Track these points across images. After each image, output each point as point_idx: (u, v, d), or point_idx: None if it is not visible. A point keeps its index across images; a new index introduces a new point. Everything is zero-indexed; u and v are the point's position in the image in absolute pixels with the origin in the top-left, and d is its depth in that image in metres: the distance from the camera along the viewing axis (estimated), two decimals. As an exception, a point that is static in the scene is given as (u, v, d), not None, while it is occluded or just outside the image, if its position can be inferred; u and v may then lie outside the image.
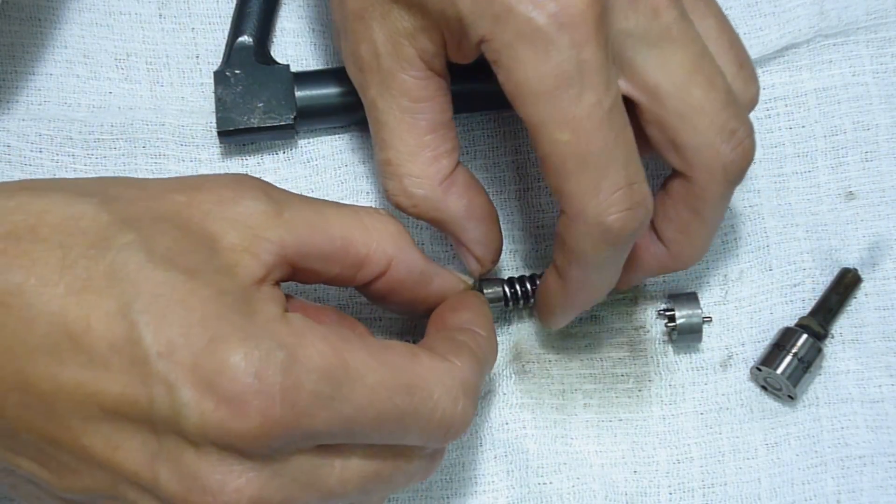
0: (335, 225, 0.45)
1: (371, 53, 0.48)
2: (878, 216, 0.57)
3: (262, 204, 0.43)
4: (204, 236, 0.41)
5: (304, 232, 0.44)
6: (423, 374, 0.43)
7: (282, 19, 0.59)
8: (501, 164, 0.57)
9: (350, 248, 0.45)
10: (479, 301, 0.50)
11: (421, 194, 0.49)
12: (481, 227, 0.51)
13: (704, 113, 0.46)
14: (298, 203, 0.45)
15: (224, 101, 0.55)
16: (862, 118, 0.58)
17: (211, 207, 0.42)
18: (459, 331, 0.47)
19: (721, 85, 0.46)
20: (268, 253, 0.42)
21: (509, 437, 0.53)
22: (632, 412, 0.54)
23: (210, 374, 0.38)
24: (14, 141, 0.56)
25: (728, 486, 0.53)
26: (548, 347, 0.55)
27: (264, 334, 0.40)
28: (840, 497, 0.53)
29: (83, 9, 0.58)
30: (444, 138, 0.49)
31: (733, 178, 0.48)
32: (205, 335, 0.39)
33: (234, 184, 0.44)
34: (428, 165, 0.49)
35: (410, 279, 0.48)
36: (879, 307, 0.56)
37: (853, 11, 0.60)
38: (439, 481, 0.53)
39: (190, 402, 0.38)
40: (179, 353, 0.38)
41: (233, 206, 0.43)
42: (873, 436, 0.54)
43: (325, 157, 0.57)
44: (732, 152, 0.47)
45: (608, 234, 0.45)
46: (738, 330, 0.55)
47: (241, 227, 0.42)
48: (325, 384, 0.40)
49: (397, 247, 0.47)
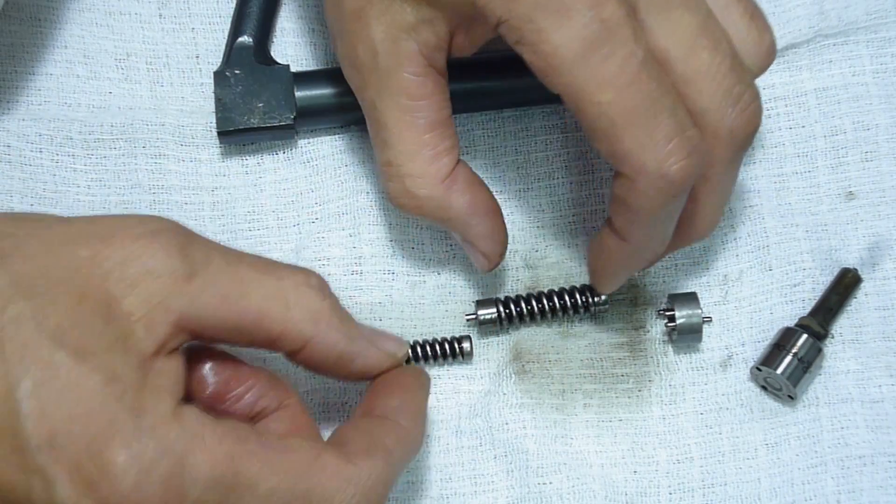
0: (252, 298, 0.42)
1: (369, 52, 0.48)
2: (878, 216, 0.57)
3: (171, 266, 0.40)
4: (102, 301, 0.39)
5: (212, 303, 0.41)
6: (324, 482, 0.41)
7: (282, 19, 0.59)
8: (501, 164, 0.57)
9: (262, 324, 0.42)
10: (415, 384, 0.48)
11: (424, 194, 0.49)
12: (486, 222, 0.51)
13: (710, 76, 0.45)
14: (216, 266, 0.41)
15: (224, 101, 0.55)
16: (862, 118, 0.58)
17: (114, 267, 0.39)
18: (381, 422, 0.45)
19: (727, 49, 0.46)
20: (164, 324, 0.40)
21: (509, 437, 0.53)
22: (632, 412, 0.54)
23: (90, 475, 0.37)
24: (14, 141, 0.56)
25: (728, 486, 0.53)
26: (548, 347, 0.55)
27: (151, 438, 0.38)
28: (840, 497, 0.53)
29: (83, 9, 0.58)
30: (444, 136, 0.49)
31: (740, 143, 0.47)
32: (88, 431, 0.37)
33: (149, 237, 0.40)
34: (429, 164, 0.49)
35: (328, 360, 0.45)
36: (879, 307, 0.56)
37: (853, 11, 0.60)
38: (438, 480, 0.53)
39: (67, 500, 0.37)
40: (60, 448, 0.37)
41: (140, 263, 0.40)
42: (873, 436, 0.53)
43: (325, 157, 0.57)
44: (738, 116, 0.46)
45: (672, 185, 0.44)
46: (738, 330, 0.55)
47: (142, 291, 0.39)
48: (211, 494, 0.39)
49: (316, 328, 0.43)
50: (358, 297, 0.55)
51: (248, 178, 0.57)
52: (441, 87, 0.49)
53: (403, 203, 0.50)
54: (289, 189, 0.57)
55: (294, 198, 0.57)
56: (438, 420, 0.54)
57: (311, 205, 0.56)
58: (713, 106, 0.46)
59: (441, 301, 0.56)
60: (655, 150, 0.44)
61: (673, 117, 0.44)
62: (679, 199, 0.46)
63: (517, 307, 0.54)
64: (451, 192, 0.49)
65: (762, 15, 0.49)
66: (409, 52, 0.47)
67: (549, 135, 0.58)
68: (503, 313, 0.54)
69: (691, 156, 0.44)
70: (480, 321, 0.54)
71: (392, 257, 0.56)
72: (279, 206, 0.56)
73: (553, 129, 0.58)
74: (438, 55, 0.48)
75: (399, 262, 0.56)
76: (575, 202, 0.57)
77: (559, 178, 0.57)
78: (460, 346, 0.54)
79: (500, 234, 0.52)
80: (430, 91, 0.48)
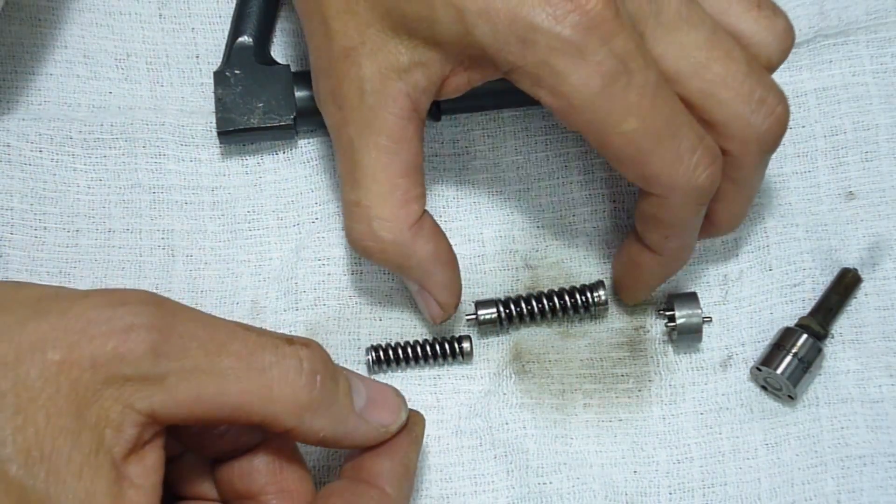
0: (231, 392, 0.40)
1: (355, 90, 0.47)
2: (878, 216, 0.57)
3: (142, 369, 0.38)
4: (71, 413, 0.38)
5: (185, 402, 0.39)
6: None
7: (282, 19, 0.59)
8: (501, 164, 0.57)
9: (240, 416, 0.41)
10: (406, 441, 0.47)
11: (389, 238, 0.49)
12: (446, 272, 0.51)
13: (727, 86, 0.46)
14: (192, 363, 0.39)
15: (224, 102, 0.55)
16: (862, 118, 0.58)
17: (83, 373, 0.38)
18: (367, 487, 0.45)
19: (739, 56, 0.46)
20: (134, 426, 0.39)
21: (509, 437, 0.53)
22: (632, 412, 0.54)
23: None
24: (14, 141, 0.56)
25: (728, 486, 0.53)
26: (548, 347, 0.55)
27: None
28: (840, 497, 0.53)
29: (83, 9, 0.58)
30: (415, 183, 0.49)
31: (768, 148, 0.48)
32: None
33: (120, 336, 0.38)
34: (399, 208, 0.48)
35: (311, 441, 0.43)
36: (879, 307, 0.56)
37: (853, 11, 0.60)
38: (438, 480, 0.53)
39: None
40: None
41: (110, 366, 0.38)
42: (873, 436, 0.53)
43: (325, 157, 0.57)
44: (765, 121, 0.47)
45: (702, 194, 0.46)
46: (738, 330, 0.55)
47: (112, 395, 0.38)
48: None
49: (300, 420, 0.41)
50: (358, 297, 0.55)
51: (248, 178, 0.57)
52: (419, 134, 0.49)
53: (367, 246, 0.49)
54: (289, 189, 0.57)
55: (294, 198, 0.57)
56: (438, 420, 0.54)
57: (311, 205, 0.56)
58: (736, 113, 0.46)
59: (441, 301, 0.56)
60: (683, 164, 0.45)
61: (691, 130, 0.45)
62: (707, 204, 0.48)
63: (517, 307, 0.54)
64: (417, 239, 0.49)
65: (768, 2, 0.49)
66: (396, 94, 0.47)
67: (549, 135, 0.58)
68: (503, 313, 0.54)
69: (715, 161, 0.46)
70: (480, 321, 0.54)
71: (392, 257, 0.56)
72: (279, 206, 0.56)
73: (553, 129, 0.58)
74: (424, 99, 0.48)
75: (399, 262, 0.56)
76: (575, 202, 0.57)
77: (559, 178, 0.57)
78: (460, 346, 0.54)
79: (457, 286, 0.52)
80: (410, 135, 0.48)
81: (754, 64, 0.47)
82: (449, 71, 0.47)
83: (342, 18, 0.47)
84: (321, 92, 0.50)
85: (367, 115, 0.48)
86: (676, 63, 0.46)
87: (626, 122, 0.44)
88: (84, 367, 0.38)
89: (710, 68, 0.46)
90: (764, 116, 0.47)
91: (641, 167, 0.45)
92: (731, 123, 0.47)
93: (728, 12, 0.48)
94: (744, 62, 0.46)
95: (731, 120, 0.47)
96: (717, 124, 0.47)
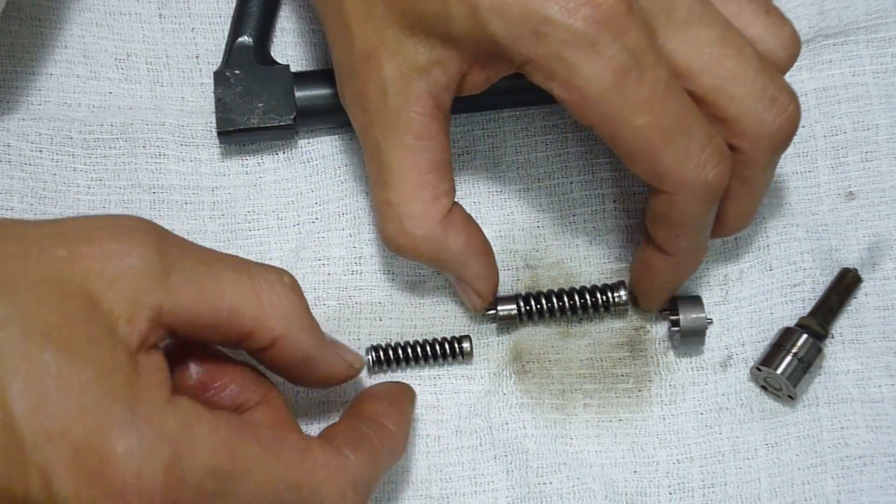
0: (226, 293, 0.42)
1: (378, 92, 0.48)
2: (878, 216, 0.57)
3: (148, 263, 0.40)
4: (83, 299, 0.39)
5: (187, 299, 0.41)
6: (314, 470, 0.42)
7: (282, 19, 0.59)
8: (501, 164, 0.57)
9: (235, 321, 0.43)
10: (402, 395, 0.50)
11: (422, 234, 0.50)
12: (481, 262, 0.52)
13: (739, 82, 0.46)
14: (192, 263, 0.42)
15: (224, 102, 0.55)
16: (862, 118, 0.58)
17: (92, 265, 0.40)
18: (368, 421, 0.47)
19: (751, 53, 0.47)
20: (144, 319, 0.40)
21: (509, 437, 0.53)
22: (632, 412, 0.54)
23: (90, 466, 0.37)
24: (14, 141, 0.56)
25: (728, 486, 0.53)
26: (548, 347, 0.55)
27: (148, 426, 0.38)
28: (840, 497, 0.53)
29: (83, 9, 0.58)
30: (444, 178, 0.50)
31: (779, 145, 0.48)
32: (84, 425, 0.37)
33: (125, 235, 0.41)
34: (428, 205, 0.49)
35: (293, 361, 0.45)
36: (879, 307, 0.56)
37: (853, 11, 0.60)
38: (438, 480, 0.53)
39: (68, 495, 0.37)
40: (58, 442, 0.37)
41: (117, 262, 0.40)
42: (873, 436, 0.53)
43: (325, 157, 0.57)
44: (777, 119, 0.47)
45: (712, 191, 0.46)
46: (738, 330, 0.55)
47: (121, 288, 0.40)
48: (210, 481, 0.39)
49: (287, 328, 0.44)
50: (358, 297, 0.55)
51: (248, 178, 0.57)
52: (445, 129, 0.49)
53: (401, 243, 0.50)
54: (289, 189, 0.57)
55: (294, 198, 0.57)
56: (438, 420, 0.54)
57: (311, 205, 0.56)
58: (748, 109, 0.47)
59: (441, 301, 0.56)
60: (693, 161, 0.45)
61: (702, 128, 0.46)
62: (717, 202, 0.48)
63: (538, 304, 0.54)
64: (449, 233, 0.50)
65: (777, 9, 0.50)
66: (419, 93, 0.48)
67: (549, 135, 0.58)
68: (523, 309, 0.54)
69: (724, 160, 0.46)
70: (500, 317, 0.54)
71: (392, 257, 0.56)
72: (279, 206, 0.56)
73: (553, 129, 0.58)
74: (446, 96, 0.48)
75: (399, 262, 0.56)
76: (575, 202, 0.57)
77: (559, 178, 0.57)
78: (460, 346, 0.54)
79: (493, 274, 0.53)
80: (435, 132, 0.49)
81: (766, 62, 0.47)
82: (467, 68, 0.48)
83: (361, 21, 0.48)
84: (346, 95, 0.51)
85: (392, 116, 0.48)
86: (688, 59, 0.46)
87: (638, 117, 0.44)
88: (92, 260, 0.39)
89: (723, 64, 0.46)
90: (776, 114, 0.47)
91: (652, 163, 0.46)
92: (743, 119, 0.47)
93: (738, 16, 0.48)
94: (756, 59, 0.47)
95: (742, 116, 0.47)
96: (728, 120, 0.47)
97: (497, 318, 0.54)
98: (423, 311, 0.55)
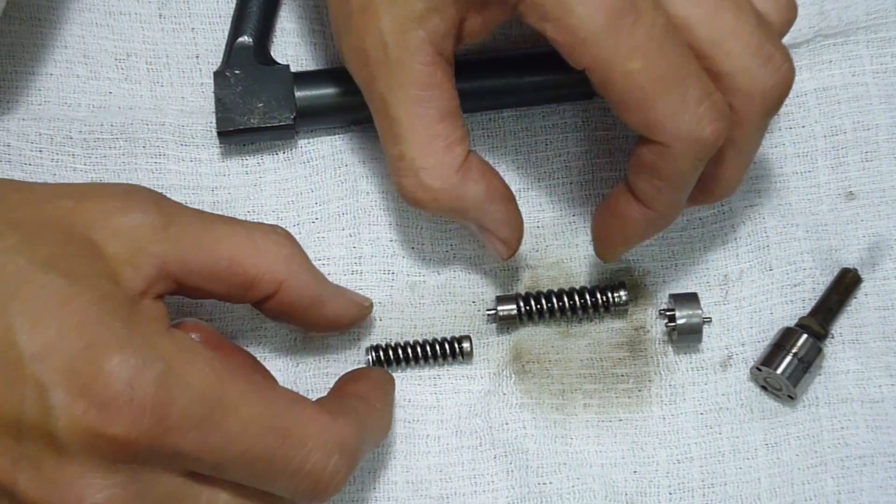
0: (224, 244, 0.45)
1: (377, 45, 0.47)
2: (878, 216, 0.57)
3: (149, 216, 0.43)
4: (87, 244, 0.41)
5: (189, 248, 0.43)
6: (302, 422, 0.42)
7: (282, 19, 0.59)
8: (501, 165, 0.57)
9: (237, 268, 0.45)
10: (382, 378, 0.50)
11: (439, 185, 0.49)
12: (503, 208, 0.51)
13: (736, 36, 0.45)
14: (189, 218, 0.44)
15: (224, 102, 0.55)
16: (862, 118, 0.58)
17: (96, 216, 0.42)
18: (352, 397, 0.47)
19: (749, 8, 0.46)
20: (149, 266, 0.42)
21: (509, 437, 0.53)
22: (632, 412, 0.54)
23: (84, 378, 0.38)
24: (14, 141, 0.56)
25: (728, 486, 0.53)
26: (548, 347, 0.55)
27: (144, 344, 0.39)
28: (840, 497, 0.53)
29: (83, 9, 0.58)
30: (455, 126, 0.49)
31: (772, 105, 0.47)
32: (82, 339, 0.38)
33: (125, 194, 0.43)
34: (443, 155, 0.49)
35: (301, 303, 0.47)
36: (879, 307, 0.56)
37: (853, 11, 0.60)
38: (438, 480, 0.53)
39: (60, 404, 0.38)
40: (54, 356, 0.38)
41: (119, 216, 0.42)
42: (873, 436, 0.53)
43: (325, 157, 0.57)
44: (771, 77, 0.46)
45: (705, 148, 0.45)
46: (738, 330, 0.55)
47: (125, 238, 0.42)
48: (198, 405, 0.40)
49: (289, 270, 0.46)
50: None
51: (248, 178, 0.57)
52: (449, 77, 0.49)
53: (419, 197, 0.49)
54: (289, 189, 0.57)
55: (294, 198, 0.57)
56: (438, 420, 0.54)
57: (311, 205, 0.56)
58: (743, 65, 0.46)
59: (441, 301, 0.56)
60: (689, 113, 0.44)
61: (700, 81, 0.45)
62: (706, 159, 0.46)
63: (538, 304, 0.54)
64: (466, 181, 0.49)
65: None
66: (419, 42, 0.47)
67: (549, 135, 0.58)
68: (523, 309, 0.54)
69: (722, 116, 0.45)
70: (500, 317, 0.54)
71: (392, 257, 0.56)
72: (279, 206, 0.56)
73: (553, 129, 0.58)
74: (447, 43, 0.48)
75: (399, 262, 0.56)
76: (575, 202, 0.57)
77: (559, 178, 0.57)
78: (460, 346, 0.54)
79: (517, 220, 0.52)
80: (440, 80, 0.48)
81: (763, 20, 0.46)
82: (465, 12, 0.47)
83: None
84: (345, 51, 0.50)
85: (394, 69, 0.48)
86: (686, 9, 0.45)
87: (632, 61, 0.43)
88: (96, 212, 0.42)
89: (721, 17, 0.45)
90: (771, 72, 0.46)
91: (645, 112, 0.44)
92: (738, 75, 0.46)
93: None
94: (753, 16, 0.46)
95: (737, 72, 0.46)
96: (722, 75, 0.46)
97: (497, 318, 0.54)
98: (423, 311, 0.55)
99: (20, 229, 0.40)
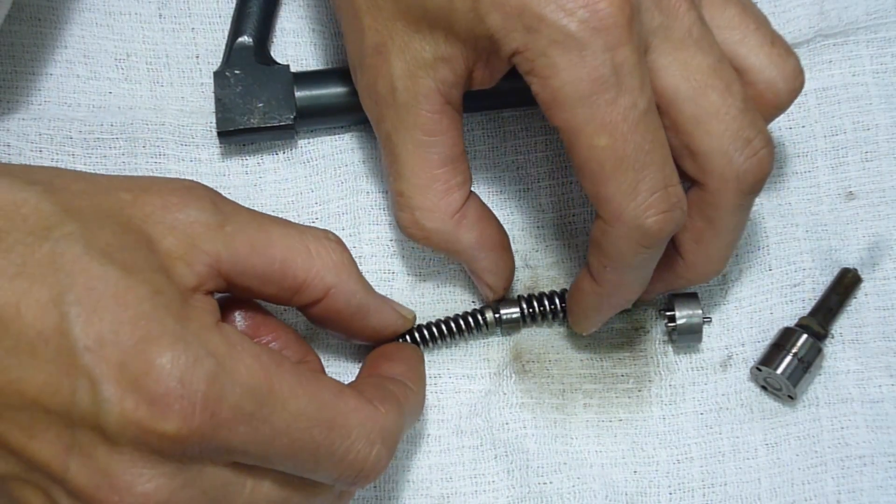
0: (277, 246, 0.45)
1: (388, 88, 0.48)
2: (878, 216, 0.57)
3: (205, 214, 0.43)
4: (143, 237, 0.41)
5: (242, 249, 0.44)
6: (346, 413, 0.43)
7: (282, 19, 0.59)
8: (501, 164, 0.57)
9: (288, 271, 0.45)
10: (415, 356, 0.51)
11: (432, 227, 0.50)
12: (492, 257, 0.52)
13: (719, 118, 0.46)
14: (244, 218, 0.45)
15: (224, 102, 0.55)
16: (862, 118, 0.58)
17: (154, 210, 0.42)
18: (390, 380, 0.48)
19: (738, 92, 0.46)
20: (202, 264, 0.42)
21: (509, 437, 0.53)
22: (632, 412, 0.54)
23: (135, 373, 0.38)
24: (14, 141, 0.56)
25: (728, 486, 0.53)
26: (548, 347, 0.55)
27: (195, 340, 0.40)
28: (840, 497, 0.53)
29: (83, 9, 0.58)
30: (456, 171, 0.50)
31: (747, 189, 0.47)
32: (135, 333, 0.39)
33: (183, 190, 0.44)
34: (439, 199, 0.50)
35: (347, 311, 0.48)
36: (879, 307, 0.56)
37: (853, 11, 0.60)
38: (439, 480, 0.53)
39: (112, 398, 0.38)
40: (107, 348, 0.38)
41: (176, 212, 0.43)
42: (873, 436, 0.54)
43: (325, 157, 0.57)
44: (746, 161, 0.46)
45: (646, 237, 0.45)
46: (738, 330, 0.55)
47: (180, 234, 0.42)
48: (248, 401, 0.40)
49: (338, 277, 0.47)
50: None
51: (248, 178, 0.57)
52: (456, 123, 0.49)
53: (413, 233, 0.51)
54: (289, 189, 0.57)
55: (294, 198, 0.57)
56: (438, 420, 0.54)
57: (311, 205, 0.56)
58: (720, 147, 0.46)
59: (441, 301, 0.56)
60: (636, 200, 0.44)
61: (660, 171, 0.44)
62: (653, 250, 0.46)
63: (540, 306, 0.54)
64: (460, 226, 0.51)
65: (784, 41, 0.49)
66: (427, 90, 0.48)
67: (549, 135, 0.58)
68: (526, 312, 0.54)
69: (671, 211, 0.45)
70: (504, 321, 0.54)
71: (392, 257, 0.56)
72: (279, 206, 0.56)
73: (553, 129, 0.57)
74: (455, 92, 0.49)
75: (399, 262, 0.56)
76: (575, 202, 0.57)
77: (559, 178, 0.57)
78: (483, 316, 0.54)
79: (505, 269, 0.53)
80: (445, 127, 0.49)
81: (750, 103, 0.47)
82: (472, 64, 0.48)
83: (371, 14, 0.48)
84: (359, 86, 0.51)
85: (402, 112, 0.49)
86: (676, 81, 0.46)
87: (599, 137, 0.44)
88: (154, 206, 0.42)
89: (707, 96, 0.46)
90: (747, 156, 0.46)
91: (596, 185, 0.44)
92: (713, 157, 0.46)
93: (743, 43, 0.48)
94: (740, 99, 0.46)
95: (713, 153, 0.46)
96: (698, 154, 0.46)
97: (500, 323, 0.54)
98: (423, 311, 0.55)
99: (79, 218, 0.40)
